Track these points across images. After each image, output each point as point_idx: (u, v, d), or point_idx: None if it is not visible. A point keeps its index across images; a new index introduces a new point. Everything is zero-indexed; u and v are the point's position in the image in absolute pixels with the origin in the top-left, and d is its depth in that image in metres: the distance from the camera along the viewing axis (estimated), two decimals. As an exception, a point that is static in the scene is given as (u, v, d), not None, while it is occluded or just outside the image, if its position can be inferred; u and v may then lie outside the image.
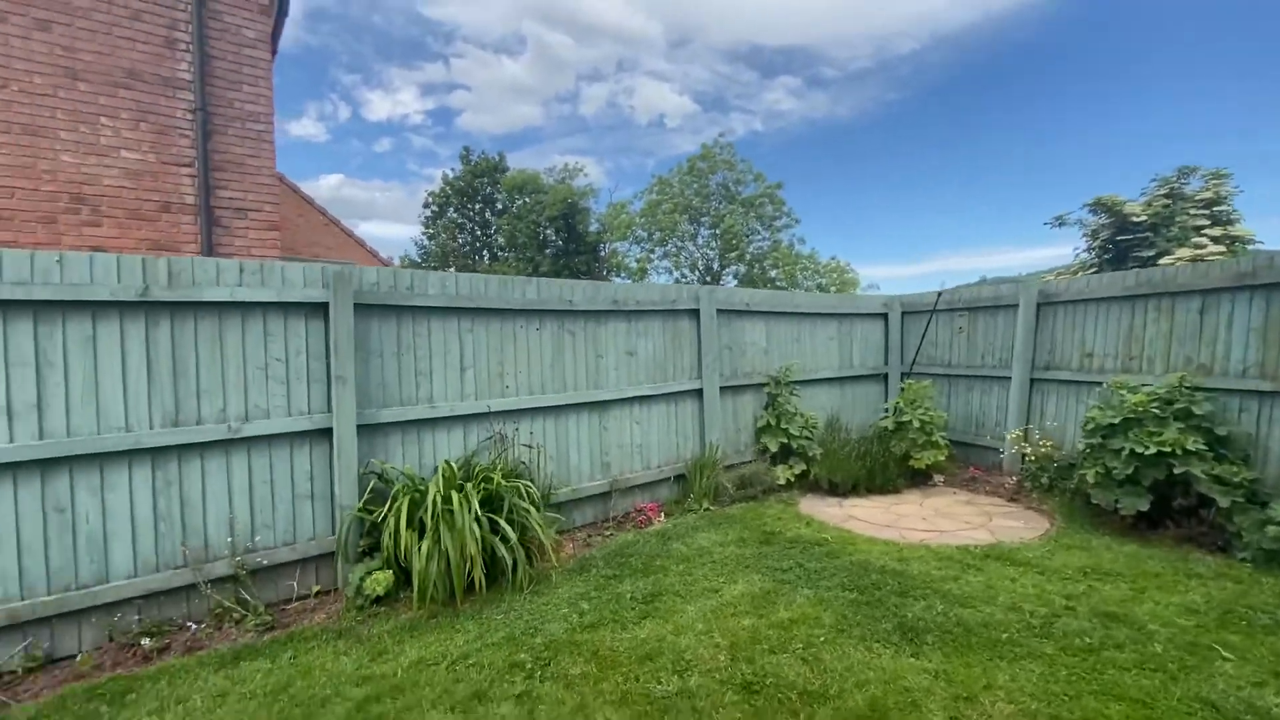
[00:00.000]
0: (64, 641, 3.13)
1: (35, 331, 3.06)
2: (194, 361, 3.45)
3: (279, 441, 3.70)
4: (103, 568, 3.21)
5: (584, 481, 4.98)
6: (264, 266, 3.67)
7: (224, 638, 3.31)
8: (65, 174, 5.06)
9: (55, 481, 3.10)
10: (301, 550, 3.73)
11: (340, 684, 2.78)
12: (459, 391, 4.37)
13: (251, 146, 5.81)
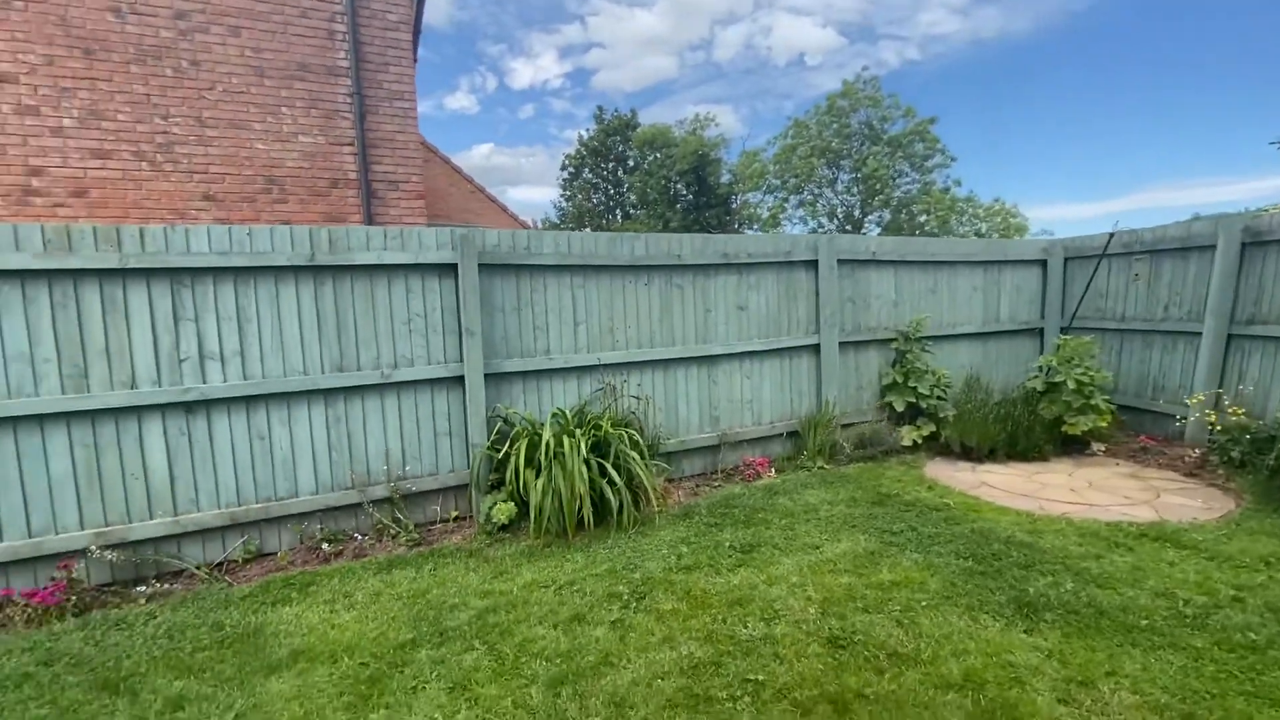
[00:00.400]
0: (269, 541, 3.93)
1: (236, 292, 3.76)
2: (352, 316, 4.03)
3: (422, 386, 4.23)
4: (293, 485, 3.95)
5: (692, 434, 5.09)
6: (403, 232, 4.13)
7: (382, 549, 3.94)
8: (260, 160, 6.02)
9: (256, 414, 3.85)
10: (442, 480, 4.28)
11: (467, 595, 3.22)
12: (572, 345, 4.64)
13: (399, 123, 6.45)
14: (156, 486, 3.63)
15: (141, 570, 3.61)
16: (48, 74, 5.36)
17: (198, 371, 3.68)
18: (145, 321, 3.56)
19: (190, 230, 3.63)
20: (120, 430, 3.54)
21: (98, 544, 3.46)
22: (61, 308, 3.40)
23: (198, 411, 3.70)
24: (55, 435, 3.42)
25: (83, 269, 3.40)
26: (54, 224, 3.40)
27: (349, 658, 2.68)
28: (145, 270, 3.53)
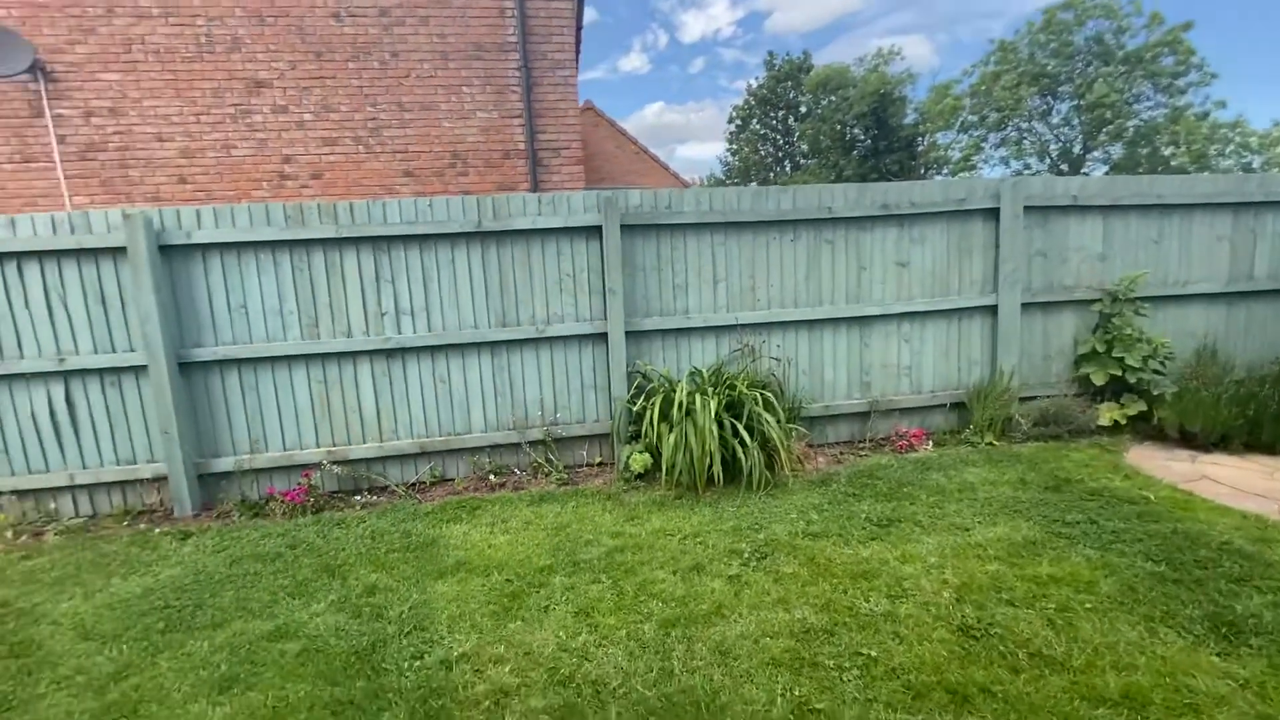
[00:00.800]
0: (450, 468, 4.61)
1: (421, 256, 4.36)
2: (512, 277, 4.45)
3: (570, 341, 4.57)
4: (466, 423, 4.57)
5: (838, 399, 4.86)
6: (555, 198, 4.43)
7: (536, 484, 4.43)
8: (447, 137, 6.78)
9: (438, 362, 4.48)
10: (588, 428, 4.63)
11: (600, 533, 3.51)
12: (711, 304, 4.65)
13: (561, 92, 6.80)
14: (367, 417, 4.44)
15: (358, 483, 4.49)
16: (292, 77, 6.54)
17: (395, 324, 4.38)
18: (356, 281, 4.30)
19: (387, 204, 4.26)
20: (341, 371, 4.37)
21: (328, 459, 4.36)
22: (299, 270, 4.24)
23: (395, 358, 4.42)
24: (298, 373, 4.33)
25: (311, 239, 4.19)
26: (291, 202, 4.22)
27: (498, 573, 3.11)
28: (355, 239, 4.25)
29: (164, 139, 6.50)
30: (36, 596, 3.15)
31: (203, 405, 4.26)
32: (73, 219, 3.99)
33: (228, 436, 4.33)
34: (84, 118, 6.38)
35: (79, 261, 4.01)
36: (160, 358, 4.04)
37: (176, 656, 2.57)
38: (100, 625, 2.85)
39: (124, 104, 6.40)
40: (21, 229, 3.96)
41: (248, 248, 4.16)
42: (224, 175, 6.63)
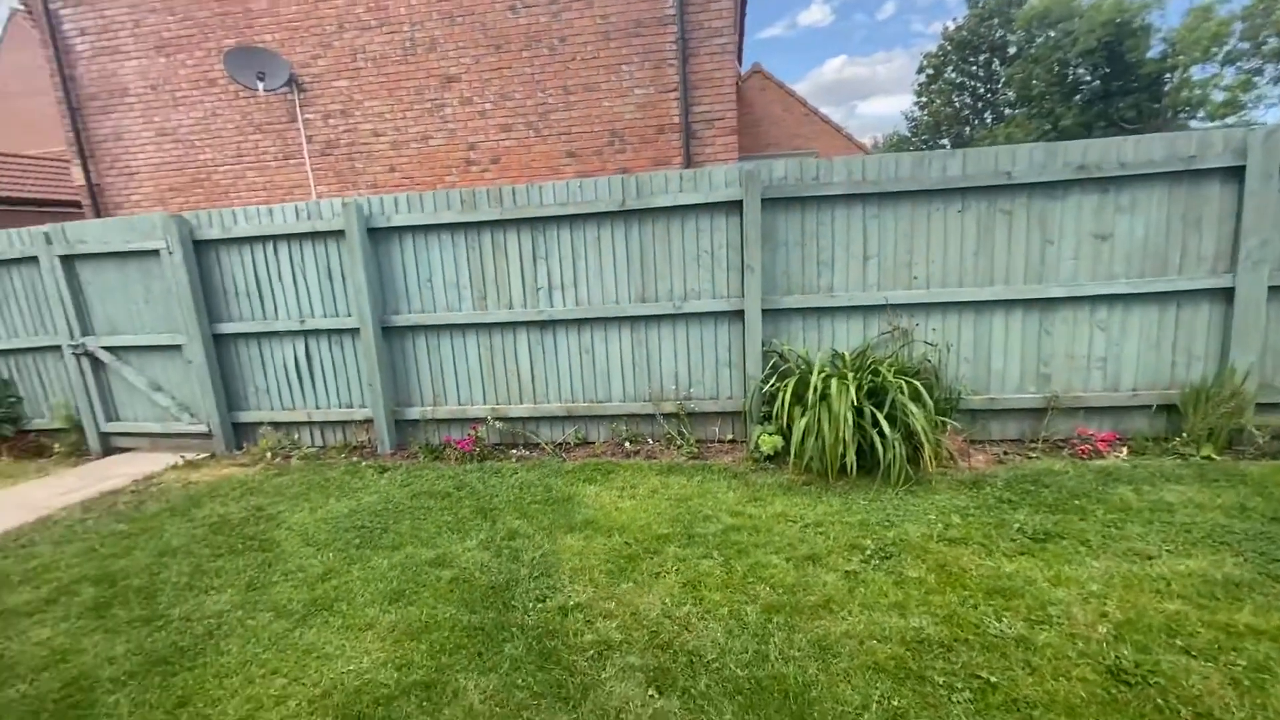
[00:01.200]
0: (591, 432, 4.98)
1: (571, 235, 4.67)
2: (653, 254, 4.59)
3: (706, 318, 4.61)
4: (607, 391, 4.87)
5: (1007, 391, 4.29)
6: (696, 174, 4.43)
7: (667, 455, 4.60)
8: (606, 116, 7.06)
9: (584, 334, 4.81)
10: (721, 405, 4.67)
11: (720, 510, 3.57)
12: (860, 281, 4.35)
13: (717, 61, 6.67)
14: (524, 381, 4.94)
15: (515, 438, 5.04)
16: (476, 71, 7.25)
17: (548, 298, 4.78)
18: (516, 259, 4.76)
19: (543, 187, 4.62)
20: (504, 339, 4.90)
21: (492, 416, 4.96)
22: (472, 249, 4.79)
23: (547, 329, 4.83)
24: (470, 339, 4.94)
25: (481, 221, 4.70)
26: (464, 188, 4.76)
27: (619, 535, 3.34)
28: (516, 220, 4.68)
29: (379, 134, 7.66)
30: (279, 506, 4.08)
31: (399, 363, 5.08)
32: (309, 208, 4.92)
33: (416, 390, 5.11)
34: (323, 119, 7.74)
35: (314, 242, 4.96)
36: (369, 322, 4.88)
37: (364, 568, 3.19)
38: (317, 534, 3.62)
39: (351, 106, 7.64)
40: (276, 217, 5.00)
41: (433, 229, 4.80)
42: (423, 163, 7.64)
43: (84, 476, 5.03)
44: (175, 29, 7.81)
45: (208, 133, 8.05)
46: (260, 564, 3.31)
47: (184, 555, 3.46)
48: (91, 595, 3.09)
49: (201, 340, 5.17)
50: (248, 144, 8.01)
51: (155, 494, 4.49)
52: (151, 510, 4.16)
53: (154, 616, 2.87)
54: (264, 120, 7.89)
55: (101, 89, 8.19)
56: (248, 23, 7.61)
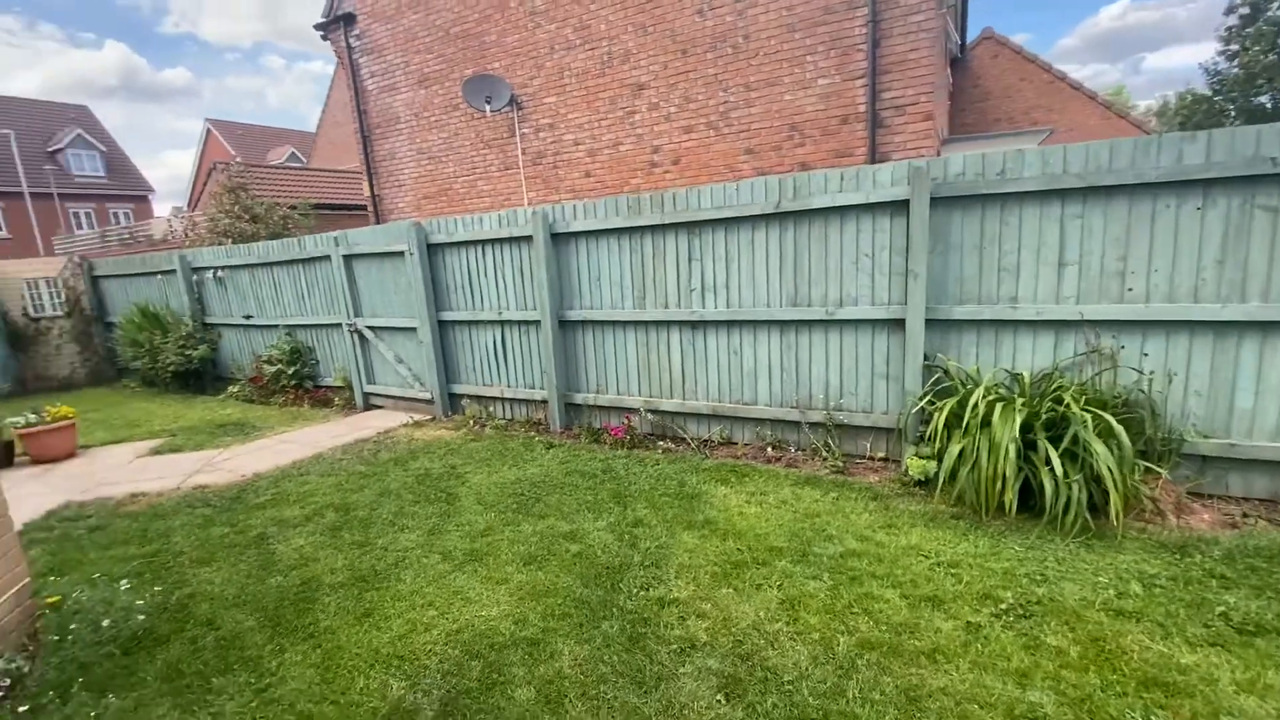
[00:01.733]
0: (735, 433, 5.04)
1: (726, 237, 4.74)
2: (807, 257, 4.45)
3: (863, 326, 4.34)
4: (754, 394, 4.88)
5: (1259, 438, 3.32)
6: (859, 172, 4.18)
7: (808, 466, 4.47)
8: (787, 110, 6.89)
9: (733, 335, 4.87)
10: (873, 420, 4.38)
11: (846, 532, 3.42)
12: (1052, 292, 3.71)
13: (912, 41, 6.07)
14: (674, 377, 5.19)
15: (664, 431, 5.33)
16: (663, 76, 7.60)
17: (700, 299, 4.94)
18: (673, 261, 4.99)
19: (701, 191, 4.76)
20: (658, 336, 5.19)
21: (644, 408, 5.31)
22: (635, 251, 5.15)
23: (698, 329, 5.00)
24: (629, 335, 5.33)
25: (643, 225, 5.02)
26: (630, 195, 5.11)
27: (734, 541, 3.40)
28: (674, 224, 4.90)
29: (578, 143, 8.48)
30: (467, 468, 4.91)
31: (571, 353, 5.68)
32: (508, 216, 5.73)
33: (583, 378, 5.68)
34: (535, 133, 8.81)
35: (511, 246, 5.76)
36: (548, 316, 5.54)
37: (514, 531, 3.73)
38: (487, 495, 4.30)
39: (557, 119, 8.57)
40: (485, 224, 5.90)
41: (603, 234, 5.26)
42: (613, 168, 8.27)
43: (349, 425, 6.57)
44: (432, 65, 9.51)
45: (450, 149, 9.70)
46: (442, 514, 4.06)
47: (395, 497, 4.39)
48: (332, 519, 4.11)
49: (430, 325, 6.36)
50: (478, 158, 9.47)
51: (388, 445, 5.70)
52: (383, 458, 5.32)
53: (366, 542, 3.73)
54: (492, 137, 9.24)
55: (382, 119, 10.34)
56: (481, 53, 8.95)
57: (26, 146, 34.05)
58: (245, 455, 5.71)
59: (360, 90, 10.46)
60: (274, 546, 3.76)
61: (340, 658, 2.64)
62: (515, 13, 8.47)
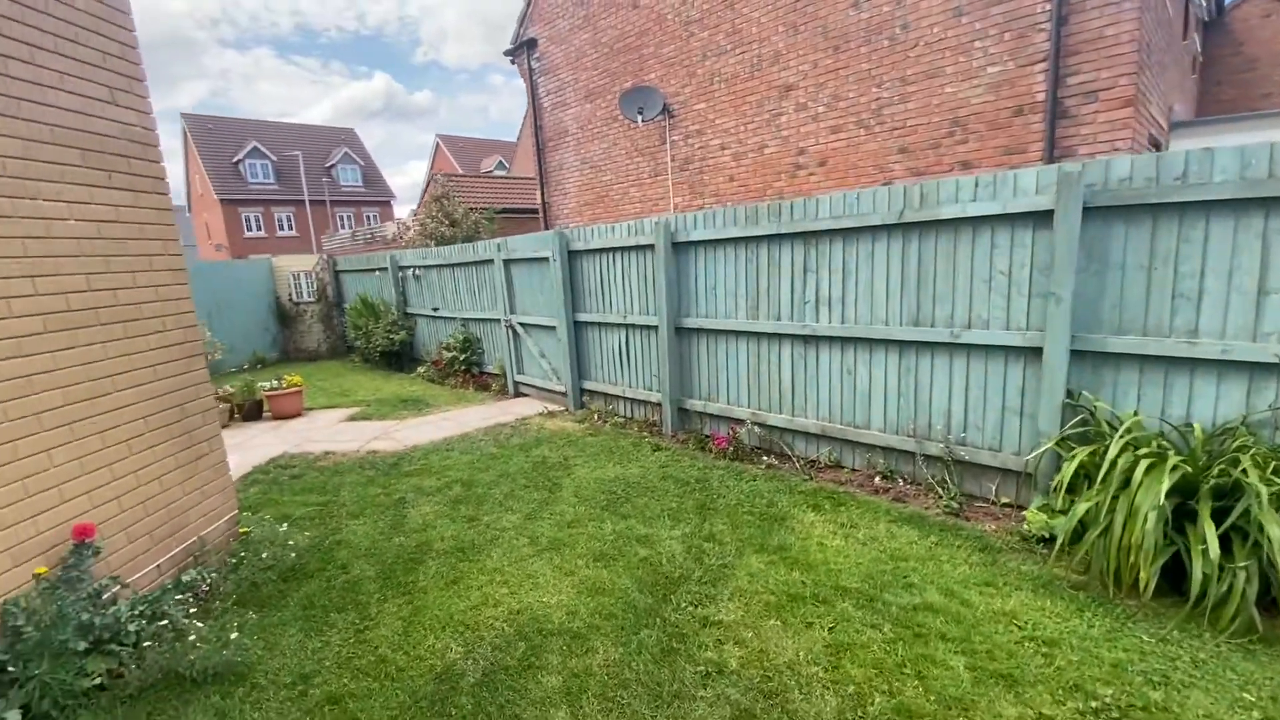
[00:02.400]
0: (845, 457, 4.74)
1: (844, 249, 4.48)
2: (932, 273, 4.03)
3: (993, 353, 3.83)
4: (866, 417, 4.55)
5: None
6: (996, 179, 3.68)
7: (917, 502, 4.07)
8: (947, 104, 6.20)
9: (847, 353, 4.59)
10: (1000, 460, 3.84)
11: (931, 582, 3.08)
12: (1248, 326, 2.93)
13: (1110, 14, 5.07)
14: (784, 392, 5.04)
15: (770, 446, 5.20)
16: (812, 76, 7.29)
17: (813, 313, 4.72)
18: (788, 272, 4.83)
19: (820, 199, 4.55)
20: (769, 349, 5.07)
21: (751, 420, 5.23)
22: (750, 262, 5.08)
23: (810, 344, 4.79)
24: (740, 345, 5.28)
25: (759, 235, 4.93)
26: (749, 204, 5.04)
27: (800, 573, 3.26)
28: (791, 234, 4.75)
29: (724, 147, 8.48)
30: (578, 460, 5.28)
31: (685, 359, 5.79)
32: (635, 226, 5.99)
33: (695, 385, 5.75)
34: (684, 139, 9.00)
35: (637, 254, 6.03)
36: (664, 322, 5.71)
37: (596, 527, 3.97)
38: (585, 490, 4.61)
39: (704, 125, 8.66)
40: (616, 233, 6.25)
41: (720, 244, 5.27)
42: (757, 171, 8.15)
43: (497, 409, 7.40)
44: (596, 80, 10.18)
45: (608, 158, 10.30)
46: (542, 501, 4.45)
47: (510, 480, 4.91)
48: (457, 493, 4.73)
49: (566, 324, 6.91)
50: (631, 165, 9.93)
51: (520, 431, 6.33)
52: (513, 443, 5.93)
53: (475, 518, 4.25)
54: (645, 145, 9.64)
55: (554, 133, 11.32)
56: (640, 65, 9.36)
57: (310, 164, 43.03)
58: (412, 428, 6.75)
59: (538, 107, 11.56)
60: (407, 510, 4.45)
61: (422, 616, 3.09)
62: (671, 24, 8.71)
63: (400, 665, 2.71)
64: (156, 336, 3.51)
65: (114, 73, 3.33)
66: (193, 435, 3.71)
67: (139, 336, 3.38)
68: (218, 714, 2.48)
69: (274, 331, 13.71)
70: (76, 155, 3.07)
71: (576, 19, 10.22)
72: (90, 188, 3.14)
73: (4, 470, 2.62)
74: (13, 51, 2.78)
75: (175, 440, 3.57)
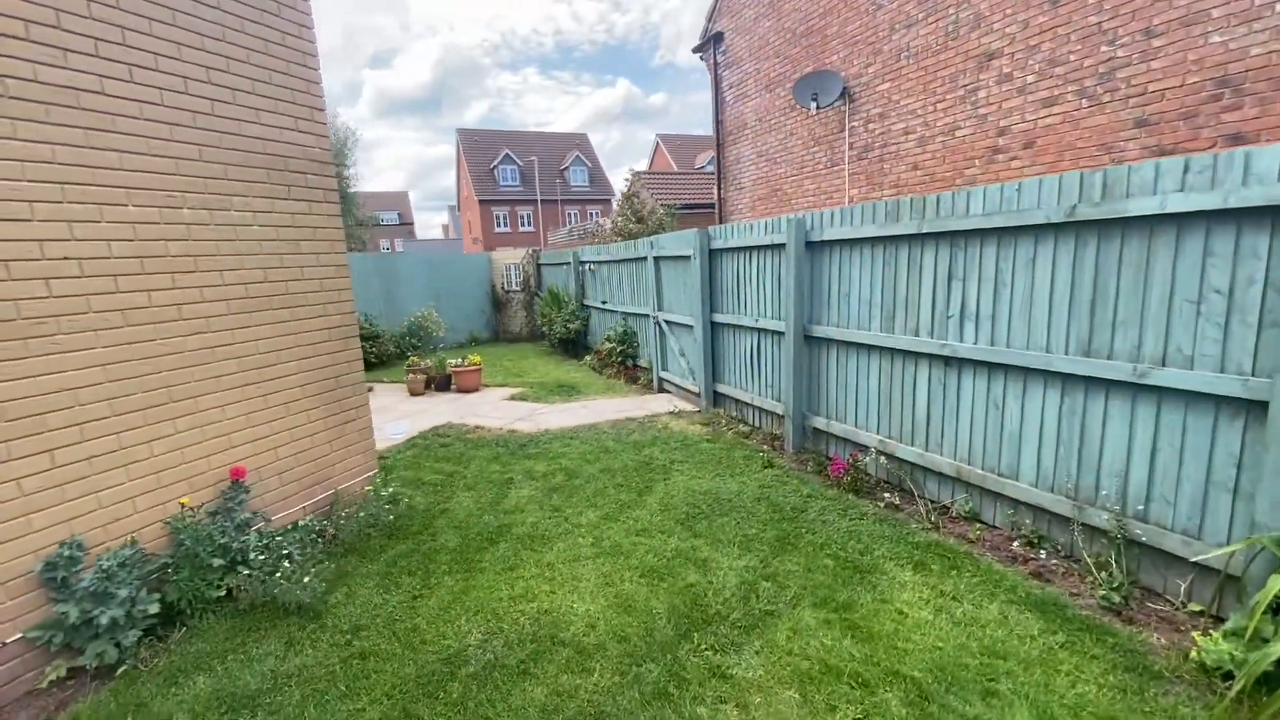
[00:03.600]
0: (984, 509, 3.86)
1: (997, 254, 3.61)
2: (1113, 287, 3.04)
3: (1197, 402, 2.76)
4: (1014, 464, 3.64)
5: None
6: (1216, 161, 2.62)
7: (1063, 583, 3.14)
8: (1211, 59, 4.57)
9: (995, 382, 3.71)
10: (1195, 550, 2.77)
11: (1021, 695, 2.35)
12: None
13: None
14: (918, 421, 4.27)
15: (897, 481, 4.47)
16: (1021, 39, 5.95)
17: (957, 329, 3.91)
18: (929, 279, 4.07)
19: (971, 193, 3.74)
20: (904, 368, 4.34)
21: (877, 448, 4.55)
22: (887, 265, 4.40)
23: (951, 367, 3.98)
24: (873, 362, 4.61)
25: (899, 235, 4.23)
26: (890, 199, 4.34)
27: (854, 641, 2.75)
28: (934, 234, 3.99)
29: (908, 132, 7.41)
30: (681, 467, 5.13)
31: (813, 371, 5.25)
32: (771, 223, 5.58)
33: (821, 401, 5.19)
34: (864, 125, 8.08)
35: (771, 253, 5.63)
36: (791, 329, 5.25)
37: (661, 541, 3.83)
38: (671, 499, 4.46)
39: (888, 107, 7.66)
40: (754, 232, 5.90)
41: (856, 244, 4.65)
42: (945, 157, 6.96)
43: (634, 403, 7.55)
44: (777, 69, 9.67)
45: (784, 149, 9.75)
46: (626, 504, 4.43)
47: (610, 476, 4.97)
48: (557, 481, 4.94)
49: (703, 324, 6.76)
50: (807, 155, 9.26)
51: (642, 428, 6.38)
52: (631, 439, 6.00)
53: (559, 509, 4.40)
54: (822, 133, 8.91)
55: (734, 126, 11.07)
56: (822, 47, 8.64)
57: (548, 167, 48.53)
58: (555, 412, 7.24)
59: (720, 101, 11.40)
60: (509, 491, 4.79)
61: (468, 596, 3.30)
62: None
63: (426, 639, 2.93)
64: (319, 320, 4.27)
65: (300, 105, 4.10)
66: (343, 403, 4.46)
67: (303, 320, 4.14)
68: (288, 641, 2.96)
69: (488, 315, 15.82)
70: (262, 174, 3.86)
71: (762, 6, 9.79)
72: (272, 199, 3.92)
73: (189, 418, 3.44)
74: (217, 95, 3.58)
75: (327, 406, 4.33)
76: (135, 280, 3.19)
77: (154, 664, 2.84)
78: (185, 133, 3.41)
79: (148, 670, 2.79)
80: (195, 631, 3.06)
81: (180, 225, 3.39)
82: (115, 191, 3.10)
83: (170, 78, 3.33)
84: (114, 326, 3.10)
